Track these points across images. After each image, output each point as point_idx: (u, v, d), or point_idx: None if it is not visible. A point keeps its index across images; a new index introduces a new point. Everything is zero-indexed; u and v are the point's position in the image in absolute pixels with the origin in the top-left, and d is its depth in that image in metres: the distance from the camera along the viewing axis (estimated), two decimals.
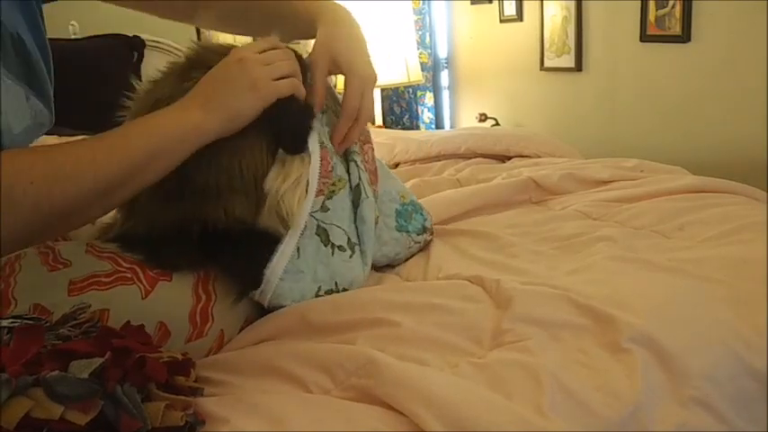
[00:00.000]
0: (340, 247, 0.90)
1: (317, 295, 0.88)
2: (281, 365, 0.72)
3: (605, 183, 1.37)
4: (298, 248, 0.86)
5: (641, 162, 1.47)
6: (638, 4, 2.34)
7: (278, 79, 0.83)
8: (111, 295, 0.74)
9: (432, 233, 1.11)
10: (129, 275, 0.76)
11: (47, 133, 0.91)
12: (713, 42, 2.11)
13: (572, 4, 2.69)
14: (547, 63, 2.89)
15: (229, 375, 0.73)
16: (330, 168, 0.90)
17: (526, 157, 1.81)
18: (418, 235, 1.07)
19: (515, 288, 0.85)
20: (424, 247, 1.10)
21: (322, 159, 0.89)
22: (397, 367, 0.66)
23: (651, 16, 2.30)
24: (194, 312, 0.78)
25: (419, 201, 1.13)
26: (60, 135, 1.39)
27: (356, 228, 0.95)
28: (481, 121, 3.30)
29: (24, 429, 0.51)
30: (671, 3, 2.20)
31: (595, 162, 1.54)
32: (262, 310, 0.87)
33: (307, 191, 0.86)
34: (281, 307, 0.86)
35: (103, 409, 0.54)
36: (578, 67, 2.73)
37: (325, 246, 0.89)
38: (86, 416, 0.53)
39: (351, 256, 0.92)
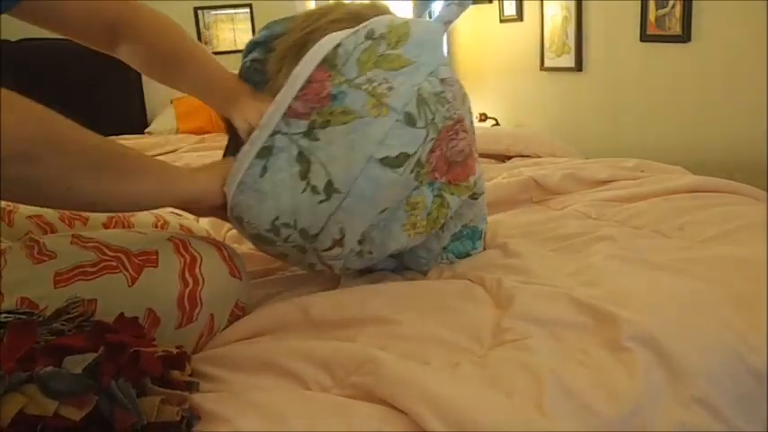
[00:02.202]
0: (314, 188, 0.83)
1: (272, 225, 0.84)
2: (280, 362, 0.72)
3: (605, 183, 1.37)
4: (265, 167, 0.83)
5: (641, 162, 1.47)
6: (638, 4, 2.34)
7: None
8: (98, 285, 0.74)
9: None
10: (114, 264, 0.76)
11: None
12: (713, 42, 2.11)
13: (572, 4, 2.69)
14: (547, 63, 2.89)
15: (227, 371, 0.72)
16: (325, 94, 0.83)
17: (526, 157, 1.81)
18: (454, 256, 1.02)
19: (516, 287, 0.85)
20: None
21: (311, 81, 0.83)
22: (398, 366, 0.66)
23: (651, 16, 2.30)
24: (182, 297, 0.77)
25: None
26: None
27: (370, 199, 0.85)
28: (481, 121, 3.30)
29: (19, 426, 0.51)
30: (671, 3, 2.20)
31: (595, 162, 1.54)
32: (251, 295, 0.87)
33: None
34: (241, 219, 0.85)
35: (98, 405, 0.53)
36: (578, 66, 2.73)
37: (302, 179, 0.83)
38: (81, 411, 0.52)
39: (320, 202, 0.84)
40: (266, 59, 0.95)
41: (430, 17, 3.51)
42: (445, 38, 3.81)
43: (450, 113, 0.90)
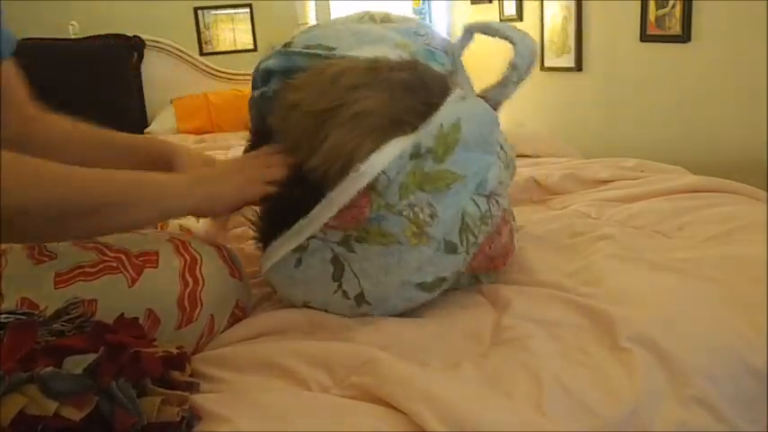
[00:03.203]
0: (345, 293, 0.82)
1: (303, 303, 0.85)
2: (280, 362, 0.72)
3: (605, 182, 1.37)
4: (300, 260, 0.81)
5: (641, 162, 1.47)
6: (638, 3, 2.33)
7: (269, 183, 0.84)
8: (99, 285, 0.74)
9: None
10: (114, 264, 0.76)
11: None
12: (713, 42, 2.11)
13: (572, 4, 2.68)
14: (547, 63, 2.89)
15: (227, 372, 0.72)
16: (363, 218, 0.78)
17: (526, 156, 1.81)
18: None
19: (513, 289, 0.85)
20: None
21: (352, 206, 0.77)
22: (398, 366, 0.66)
23: (651, 16, 2.30)
24: (182, 298, 0.77)
25: None
26: None
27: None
28: None
29: (19, 426, 0.51)
30: (671, 2, 2.20)
31: (595, 162, 1.54)
32: (251, 295, 0.87)
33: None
34: (273, 287, 0.86)
35: (98, 405, 0.54)
36: (578, 66, 2.72)
37: (334, 281, 0.81)
38: (81, 412, 0.52)
39: (350, 307, 0.83)
40: (278, 92, 0.89)
41: (429, 17, 3.51)
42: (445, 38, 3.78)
43: (494, 224, 0.87)
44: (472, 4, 3.35)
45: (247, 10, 3.36)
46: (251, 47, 3.33)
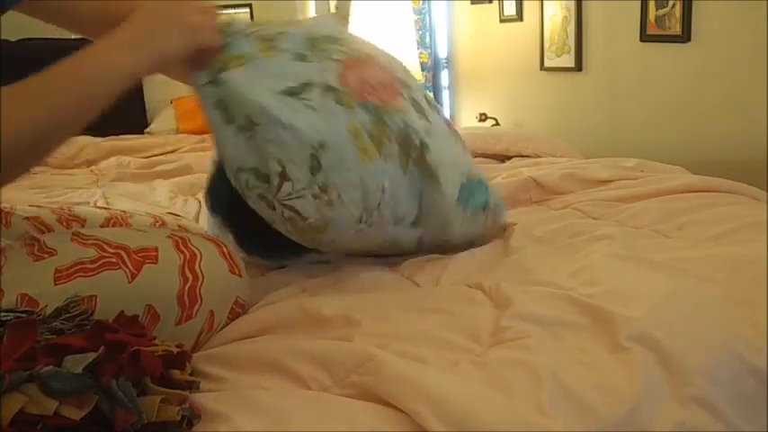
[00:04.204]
0: (240, 127, 0.88)
1: (235, 176, 0.90)
2: (279, 361, 0.71)
3: (605, 182, 1.37)
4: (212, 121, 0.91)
5: (641, 162, 1.47)
6: (638, 3, 2.33)
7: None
8: (98, 281, 0.74)
9: (494, 219, 1.08)
10: (114, 260, 0.76)
11: None
12: (713, 42, 2.11)
13: (572, 4, 2.68)
14: (547, 63, 2.89)
15: (227, 370, 0.72)
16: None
17: (526, 156, 1.82)
18: (479, 214, 1.04)
19: (515, 289, 0.85)
20: (486, 233, 1.08)
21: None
22: (398, 365, 0.66)
23: (651, 16, 2.30)
24: (182, 293, 0.77)
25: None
26: None
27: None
28: (481, 120, 3.30)
29: (19, 425, 0.51)
30: (671, 2, 2.20)
31: (595, 162, 1.54)
32: (251, 291, 0.87)
33: None
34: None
35: (98, 404, 0.53)
36: (578, 66, 2.73)
37: (228, 123, 0.89)
38: (81, 411, 0.52)
39: (249, 139, 0.88)
40: None
41: (429, 17, 3.51)
42: (445, 38, 3.80)
43: (351, 49, 0.97)
44: (472, 4, 3.35)
45: (247, 10, 3.36)
46: None
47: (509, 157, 1.84)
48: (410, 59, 3.14)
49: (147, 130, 3.00)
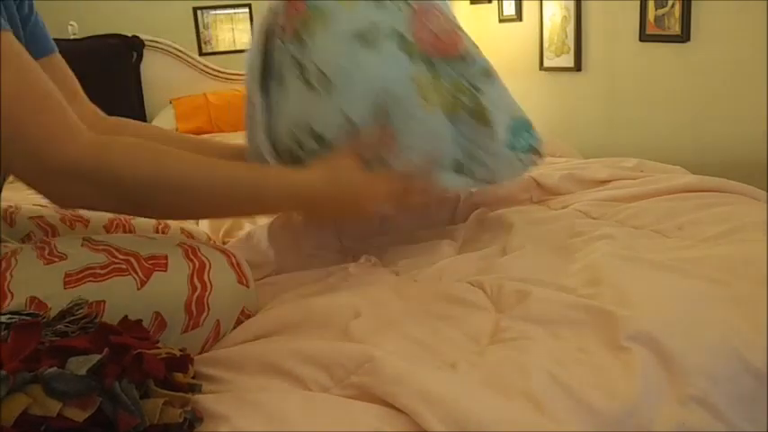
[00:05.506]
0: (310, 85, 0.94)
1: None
2: (279, 363, 0.72)
3: (605, 182, 1.36)
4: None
5: (641, 162, 1.46)
6: (638, 3, 2.34)
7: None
8: (107, 287, 0.74)
9: (540, 157, 1.12)
10: (124, 267, 0.76)
11: None
12: (713, 42, 2.12)
13: (571, 4, 2.69)
14: (546, 63, 2.89)
15: (228, 372, 0.72)
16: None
17: None
18: (524, 153, 1.07)
19: (515, 288, 0.85)
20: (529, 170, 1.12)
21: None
22: (398, 365, 0.66)
23: (650, 16, 2.30)
24: (190, 302, 0.78)
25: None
26: None
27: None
28: None
29: (23, 426, 0.51)
30: (670, 2, 2.20)
31: (595, 162, 1.54)
32: (257, 301, 0.88)
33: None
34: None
35: (101, 406, 0.54)
36: (578, 66, 2.73)
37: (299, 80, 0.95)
38: (84, 412, 0.52)
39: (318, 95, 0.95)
40: None
41: None
42: None
43: None
44: (471, 4, 3.35)
45: (246, 10, 3.36)
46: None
47: None
48: None
49: None
